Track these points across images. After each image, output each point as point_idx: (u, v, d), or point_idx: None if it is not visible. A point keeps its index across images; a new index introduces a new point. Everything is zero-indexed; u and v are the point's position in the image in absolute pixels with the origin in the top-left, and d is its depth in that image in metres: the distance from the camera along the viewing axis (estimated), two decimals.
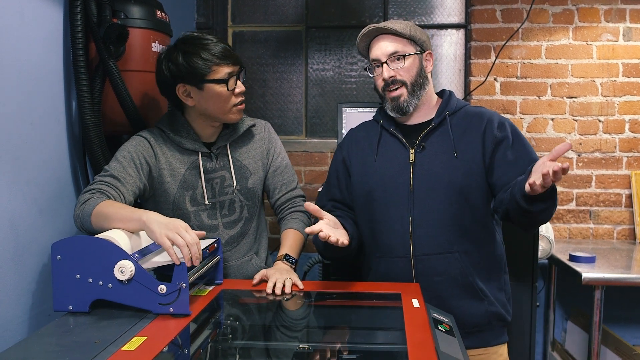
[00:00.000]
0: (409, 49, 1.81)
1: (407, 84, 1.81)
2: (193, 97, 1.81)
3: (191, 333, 1.40)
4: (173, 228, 1.47)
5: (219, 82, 1.77)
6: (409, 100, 1.82)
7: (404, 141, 1.84)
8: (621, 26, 3.14)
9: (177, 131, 1.86)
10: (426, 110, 1.88)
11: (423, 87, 1.84)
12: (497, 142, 1.77)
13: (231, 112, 1.84)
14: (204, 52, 1.75)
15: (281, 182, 2.03)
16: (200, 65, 1.75)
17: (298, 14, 3.45)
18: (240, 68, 1.83)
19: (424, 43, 1.84)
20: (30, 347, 1.24)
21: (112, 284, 1.41)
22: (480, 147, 1.78)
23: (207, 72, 1.76)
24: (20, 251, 1.58)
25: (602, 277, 2.49)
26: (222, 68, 1.77)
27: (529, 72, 3.19)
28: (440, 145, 1.81)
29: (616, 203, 3.20)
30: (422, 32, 1.85)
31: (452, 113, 1.85)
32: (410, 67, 1.81)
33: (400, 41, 1.81)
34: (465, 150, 1.79)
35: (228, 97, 1.80)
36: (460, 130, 1.81)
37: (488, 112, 1.85)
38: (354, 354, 1.44)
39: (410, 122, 1.88)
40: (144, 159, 1.81)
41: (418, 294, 1.64)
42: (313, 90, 3.47)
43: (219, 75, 1.77)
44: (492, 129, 1.79)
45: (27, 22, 1.62)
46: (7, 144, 1.53)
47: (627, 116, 3.17)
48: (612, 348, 2.86)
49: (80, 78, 1.79)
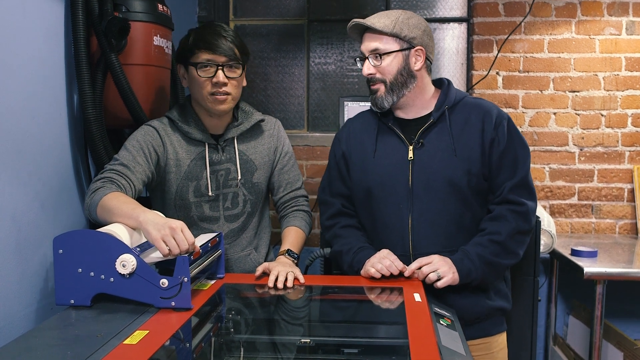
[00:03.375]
0: (391, 46, 1.77)
1: (386, 82, 1.79)
2: (186, 78, 1.89)
3: (193, 327, 1.40)
4: (169, 230, 1.46)
5: (195, 65, 1.82)
6: (385, 98, 1.80)
7: (402, 137, 1.83)
8: (624, 20, 3.12)
9: (186, 121, 1.89)
10: (422, 104, 1.85)
11: (405, 86, 1.80)
12: (491, 141, 1.78)
13: (208, 100, 1.85)
14: (197, 35, 1.82)
15: (286, 181, 2.04)
16: (188, 47, 1.83)
17: (300, 7, 3.43)
18: (230, 60, 1.82)
19: (412, 39, 1.77)
20: (32, 340, 1.24)
21: (114, 278, 1.41)
22: (479, 146, 1.78)
23: (190, 54, 1.82)
24: (22, 245, 1.58)
25: (604, 272, 2.49)
26: (202, 53, 1.81)
27: (532, 66, 3.18)
28: (439, 142, 1.80)
29: (618, 197, 3.19)
30: (413, 27, 1.77)
31: (451, 106, 1.83)
32: (389, 65, 1.78)
33: (382, 38, 1.77)
34: (465, 148, 1.78)
35: (203, 82, 1.82)
36: (459, 125, 1.80)
37: (486, 106, 1.83)
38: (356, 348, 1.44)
39: (407, 116, 1.86)
40: (153, 148, 1.83)
41: (420, 289, 1.64)
42: (315, 84, 3.46)
43: (198, 59, 1.81)
44: (490, 125, 1.78)
45: (28, 16, 1.61)
46: (9, 137, 1.53)
47: (629, 110, 3.15)
48: (614, 342, 2.86)
49: (82, 72, 1.79)
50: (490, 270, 1.74)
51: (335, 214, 1.93)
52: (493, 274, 1.76)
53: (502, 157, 1.77)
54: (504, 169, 1.77)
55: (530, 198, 1.78)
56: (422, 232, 1.78)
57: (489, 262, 1.72)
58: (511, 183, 1.76)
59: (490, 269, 1.73)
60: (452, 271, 1.70)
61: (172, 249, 1.45)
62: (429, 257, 1.72)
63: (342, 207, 1.92)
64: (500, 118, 1.80)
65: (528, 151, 1.82)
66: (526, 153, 1.81)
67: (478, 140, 1.78)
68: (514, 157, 1.78)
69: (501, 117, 1.80)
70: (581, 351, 2.94)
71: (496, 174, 1.78)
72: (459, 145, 1.78)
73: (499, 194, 1.77)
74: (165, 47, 2.04)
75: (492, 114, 1.80)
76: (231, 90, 1.84)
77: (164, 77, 2.10)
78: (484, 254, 1.72)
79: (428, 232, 1.78)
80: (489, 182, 1.79)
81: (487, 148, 1.77)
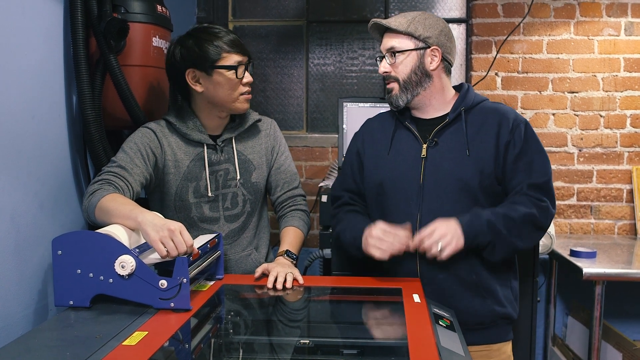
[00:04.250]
0: (405, 45, 1.78)
1: (400, 81, 1.79)
2: (202, 83, 1.84)
3: (192, 328, 1.40)
4: (167, 232, 1.46)
5: (229, 68, 1.81)
6: (399, 96, 1.80)
7: (417, 135, 1.82)
8: (623, 21, 3.13)
9: (183, 122, 1.89)
10: (440, 104, 1.84)
11: (420, 85, 1.79)
12: (507, 144, 1.75)
13: (238, 101, 1.87)
14: (216, 39, 1.81)
15: (283, 180, 2.04)
16: (211, 51, 1.80)
17: (299, 8, 3.44)
18: (249, 59, 1.87)
19: (427, 39, 1.77)
20: (31, 341, 1.24)
21: (113, 279, 1.41)
22: (493, 147, 1.75)
23: (217, 57, 1.80)
24: (21, 246, 1.58)
25: (603, 273, 2.49)
26: (232, 55, 1.81)
27: (530, 67, 3.18)
28: (453, 142, 1.78)
29: (617, 198, 3.20)
30: (429, 26, 1.77)
31: (468, 108, 1.81)
32: (404, 64, 1.78)
33: (398, 37, 1.78)
34: (478, 149, 1.76)
35: (236, 84, 1.84)
36: (475, 127, 1.78)
37: (505, 110, 1.81)
38: (355, 349, 1.44)
39: (425, 116, 1.85)
40: (150, 150, 1.83)
41: (419, 289, 1.64)
42: (314, 85, 3.46)
43: (229, 62, 1.81)
44: (506, 129, 1.76)
45: (27, 16, 1.61)
46: (8, 138, 1.53)
47: (628, 111, 3.16)
48: (613, 343, 2.87)
49: (81, 73, 1.79)
50: (498, 242, 1.68)
51: (341, 204, 1.93)
52: (499, 247, 1.69)
53: (518, 160, 1.74)
54: (519, 172, 1.74)
55: (550, 200, 1.74)
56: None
57: (498, 232, 1.67)
58: (530, 181, 1.72)
59: (498, 240, 1.68)
60: (456, 237, 1.65)
61: (170, 251, 1.45)
62: (430, 226, 1.67)
63: (350, 199, 1.93)
64: (517, 122, 1.78)
65: (546, 158, 1.78)
66: (544, 159, 1.77)
67: (493, 142, 1.76)
68: (529, 161, 1.74)
69: (518, 121, 1.78)
70: (580, 352, 2.95)
71: (511, 176, 1.75)
72: (473, 146, 1.76)
73: (519, 189, 1.73)
74: (164, 48, 2.04)
75: (509, 117, 1.78)
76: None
77: (163, 78, 2.10)
78: (496, 222, 1.67)
79: None
80: (504, 185, 1.77)
81: (502, 150, 1.75)
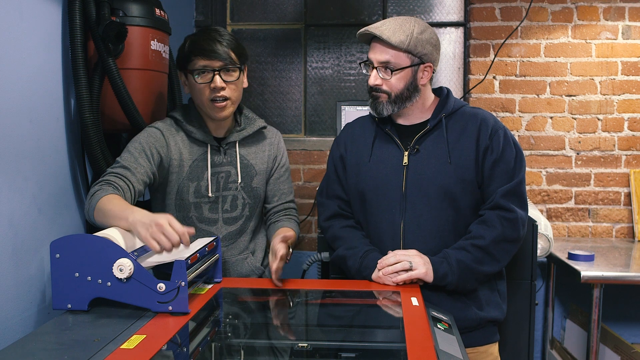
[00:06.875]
0: (402, 62, 1.75)
1: (391, 95, 1.78)
2: (187, 85, 1.90)
3: (190, 331, 1.40)
4: (157, 228, 1.45)
5: (192, 72, 1.83)
6: (386, 107, 1.80)
7: (398, 142, 1.83)
8: (620, 24, 3.13)
9: (190, 121, 1.91)
10: (421, 111, 1.85)
11: (409, 99, 1.80)
12: (485, 149, 1.77)
13: (208, 107, 1.86)
14: (192, 42, 1.83)
15: (281, 191, 2.06)
16: (184, 54, 1.85)
17: (297, 12, 3.44)
18: (224, 65, 1.82)
19: (424, 55, 1.76)
20: (29, 345, 1.24)
21: (111, 282, 1.41)
22: (473, 153, 1.77)
23: (187, 61, 1.84)
24: (19, 249, 1.58)
25: (601, 276, 2.49)
26: (198, 60, 1.82)
27: (528, 71, 3.19)
28: (435, 149, 1.80)
29: (615, 201, 3.20)
30: (426, 42, 1.75)
31: (449, 114, 1.82)
32: (398, 80, 1.77)
33: (395, 52, 1.74)
34: (460, 156, 1.78)
35: (202, 89, 1.84)
36: (455, 133, 1.80)
37: (484, 116, 1.83)
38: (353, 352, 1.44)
39: (406, 122, 1.87)
40: (156, 149, 1.84)
41: (417, 293, 1.64)
42: (312, 88, 3.46)
43: (194, 66, 1.83)
44: (485, 134, 1.78)
45: (26, 20, 1.62)
46: (6, 141, 1.53)
47: (626, 114, 3.17)
48: (611, 346, 2.87)
49: (79, 76, 1.79)
50: (468, 277, 1.73)
51: (331, 215, 1.93)
52: (471, 280, 1.74)
53: (495, 166, 1.77)
54: (496, 177, 1.77)
55: (521, 207, 1.77)
56: (413, 237, 1.78)
57: (468, 268, 1.71)
58: (503, 190, 1.75)
59: (469, 275, 1.72)
60: (426, 268, 1.70)
61: (163, 245, 1.44)
62: (408, 251, 1.74)
63: (339, 209, 1.93)
64: (496, 128, 1.80)
65: (523, 162, 1.81)
66: (520, 164, 1.80)
67: (473, 148, 1.77)
68: (507, 167, 1.77)
69: (497, 127, 1.80)
70: (578, 355, 2.95)
71: (488, 182, 1.78)
72: (454, 153, 1.78)
73: (491, 200, 1.77)
74: (162, 51, 2.04)
75: (488, 123, 1.80)
76: (229, 94, 1.85)
77: (162, 81, 2.10)
78: (465, 259, 1.71)
79: (419, 237, 1.78)
80: (482, 190, 1.79)
81: (481, 156, 1.77)
